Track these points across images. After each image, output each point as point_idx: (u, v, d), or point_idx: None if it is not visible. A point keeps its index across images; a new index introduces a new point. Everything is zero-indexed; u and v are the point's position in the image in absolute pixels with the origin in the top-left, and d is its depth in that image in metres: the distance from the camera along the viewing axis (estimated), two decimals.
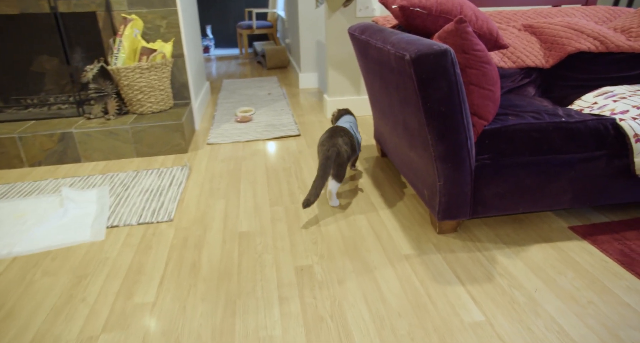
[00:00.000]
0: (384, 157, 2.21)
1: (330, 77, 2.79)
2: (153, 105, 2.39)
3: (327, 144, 1.65)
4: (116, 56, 2.27)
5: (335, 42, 2.71)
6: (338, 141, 1.68)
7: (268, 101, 3.34)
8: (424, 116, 1.31)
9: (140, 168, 2.17)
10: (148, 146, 2.30)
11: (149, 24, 2.42)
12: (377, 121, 2.02)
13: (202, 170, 2.12)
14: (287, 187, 1.92)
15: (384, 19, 1.95)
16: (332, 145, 1.65)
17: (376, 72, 1.68)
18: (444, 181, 1.40)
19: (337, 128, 1.76)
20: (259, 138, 2.52)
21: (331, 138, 1.69)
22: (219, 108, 3.18)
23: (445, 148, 1.35)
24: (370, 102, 2.05)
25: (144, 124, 2.25)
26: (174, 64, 2.54)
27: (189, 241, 1.53)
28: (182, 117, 2.33)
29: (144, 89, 2.32)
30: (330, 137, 1.70)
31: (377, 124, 2.07)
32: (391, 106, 1.63)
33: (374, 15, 2.68)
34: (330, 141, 1.67)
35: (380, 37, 1.52)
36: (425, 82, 1.26)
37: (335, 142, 1.67)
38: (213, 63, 5.27)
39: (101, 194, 1.89)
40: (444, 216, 1.46)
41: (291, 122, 2.78)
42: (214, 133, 2.63)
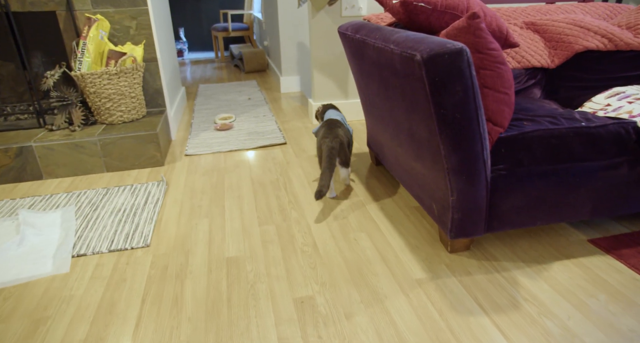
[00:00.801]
0: (378, 165, 2.06)
1: (316, 81, 2.63)
2: (124, 114, 2.17)
3: (330, 136, 1.67)
4: (80, 60, 2.04)
5: (320, 44, 2.55)
6: (339, 132, 1.71)
7: (248, 107, 3.15)
8: (436, 123, 1.16)
9: (111, 185, 1.95)
10: (119, 159, 2.08)
11: (116, 25, 2.20)
12: (372, 127, 1.87)
13: (181, 185, 1.92)
14: (276, 202, 1.74)
15: (377, 17, 1.80)
16: (334, 136, 1.67)
17: (373, 74, 1.53)
18: (458, 196, 1.26)
19: (332, 121, 1.78)
20: (241, 147, 2.33)
21: (331, 130, 1.70)
22: (197, 115, 2.97)
23: (459, 159, 1.20)
24: (364, 107, 1.89)
25: (114, 135, 2.03)
26: (146, 68, 2.32)
27: (170, 271, 1.34)
28: (157, 126, 2.12)
29: (112, 96, 2.10)
30: (330, 129, 1.71)
31: (371, 131, 1.92)
32: (392, 112, 1.48)
33: (361, 14, 2.53)
34: (331, 133, 1.69)
35: (380, 35, 1.37)
36: (439, 86, 1.11)
37: (337, 133, 1.70)
38: (187, 67, 5.04)
39: (66, 216, 1.67)
40: (457, 235, 1.32)
41: (275, 129, 2.60)
42: (193, 143, 2.42)
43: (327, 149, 1.63)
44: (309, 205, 1.71)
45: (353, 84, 2.69)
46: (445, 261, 1.34)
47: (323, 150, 1.64)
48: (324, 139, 1.67)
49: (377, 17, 1.80)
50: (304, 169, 2.04)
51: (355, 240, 1.47)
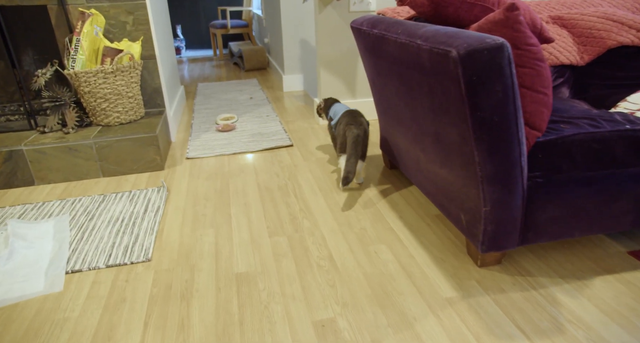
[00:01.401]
0: (392, 169, 1.95)
1: (322, 79, 2.51)
2: (121, 115, 2.04)
3: (355, 123, 1.68)
4: (74, 57, 1.91)
5: (327, 40, 2.43)
6: (362, 121, 1.73)
7: (250, 106, 3.03)
8: (470, 127, 1.05)
9: (108, 191, 1.83)
10: (116, 163, 1.95)
11: (112, 20, 2.07)
12: (387, 129, 1.75)
13: (183, 191, 1.80)
14: (286, 210, 1.62)
15: (392, 11, 1.68)
16: (359, 124, 1.69)
17: (393, 72, 1.41)
18: (492, 207, 1.14)
19: (353, 111, 1.81)
20: (246, 149, 2.21)
21: (355, 118, 1.73)
22: (197, 115, 2.84)
23: (495, 166, 1.09)
24: (378, 107, 1.78)
25: (111, 137, 1.90)
26: (144, 66, 2.20)
27: (174, 290, 1.22)
28: (156, 128, 1.99)
29: (109, 96, 1.97)
30: (354, 118, 1.73)
31: (385, 133, 1.80)
32: (415, 113, 1.36)
33: (370, 9, 2.41)
34: (356, 121, 1.70)
35: (403, 30, 1.25)
36: (476, 85, 0.99)
37: (361, 121, 1.72)
38: (185, 65, 4.90)
39: (59, 227, 1.54)
40: (489, 248, 1.20)
41: (280, 130, 2.48)
42: (194, 145, 2.30)
43: (354, 136, 1.63)
44: (321, 213, 1.59)
45: (361, 83, 2.57)
46: (476, 277, 1.23)
47: (348, 137, 1.64)
48: (349, 126, 1.67)
49: (393, 11, 1.68)
50: (313, 173, 1.92)
51: (375, 252, 1.35)
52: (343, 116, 1.79)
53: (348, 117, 1.74)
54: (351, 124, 1.68)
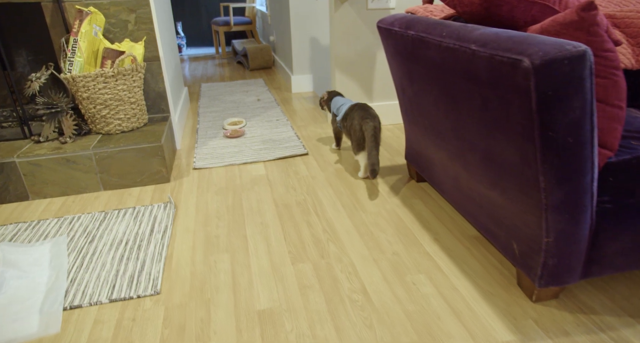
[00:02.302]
0: (419, 182, 1.79)
1: (337, 81, 2.35)
2: (122, 122, 1.88)
3: (370, 117, 1.70)
4: (71, 60, 1.75)
5: (342, 40, 2.27)
6: (374, 112, 1.75)
7: (258, 109, 2.86)
8: (539, 149, 0.89)
9: (110, 207, 1.67)
10: (118, 175, 1.79)
11: (112, 19, 1.90)
12: (416, 139, 1.59)
13: (192, 208, 1.64)
14: (308, 231, 1.46)
15: (424, 9, 1.52)
16: (374, 116, 1.71)
17: (431, 79, 1.25)
18: (555, 238, 0.99)
19: (362, 105, 1.81)
20: (258, 158, 2.05)
21: (367, 111, 1.74)
22: (202, 119, 2.68)
23: (564, 194, 0.93)
24: (406, 115, 1.62)
25: (112, 148, 1.74)
26: (147, 69, 2.03)
27: (188, 332, 1.06)
28: (161, 137, 1.83)
29: (109, 102, 1.80)
30: (366, 111, 1.74)
31: (414, 144, 1.64)
32: (458, 126, 1.20)
33: (389, 6, 2.25)
34: (369, 113, 1.72)
35: (450, 32, 1.09)
36: (551, 101, 0.83)
37: (375, 114, 1.74)
38: (186, 64, 4.72)
39: (56, 251, 1.38)
40: (549, 282, 1.05)
41: (293, 136, 2.32)
42: (201, 153, 2.14)
43: (372, 129, 1.66)
44: (347, 235, 1.43)
45: (379, 85, 2.41)
46: (532, 315, 1.08)
47: (366, 130, 1.67)
48: (365, 120, 1.69)
49: (425, 9, 1.52)
50: (333, 186, 1.77)
51: (413, 284, 1.20)
52: (353, 110, 1.79)
53: (361, 111, 1.75)
54: (366, 118, 1.69)
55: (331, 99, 2.06)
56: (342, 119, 1.87)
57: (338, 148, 2.15)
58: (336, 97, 2.04)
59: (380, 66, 2.36)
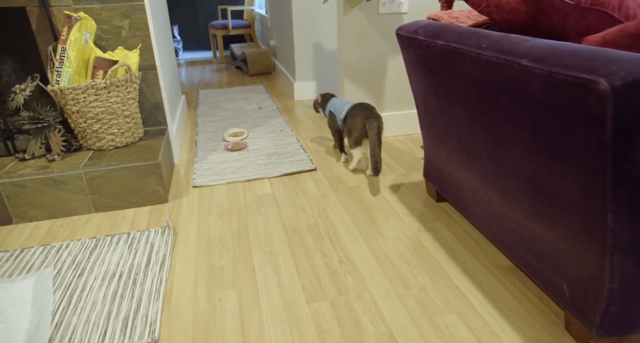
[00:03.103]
0: (439, 202, 1.65)
1: (346, 90, 2.21)
2: (116, 137, 1.72)
3: (373, 116, 1.73)
4: (58, 70, 1.60)
5: (352, 46, 2.13)
6: (378, 113, 1.77)
7: (260, 118, 2.72)
8: (611, 184, 0.75)
9: (102, 232, 1.52)
10: (111, 196, 1.64)
11: (104, 25, 1.76)
12: (440, 157, 1.46)
13: (193, 233, 1.49)
14: (322, 261, 1.32)
15: (449, 16, 1.38)
16: (377, 116, 1.74)
17: (464, 95, 1.11)
18: (622, 284, 0.85)
19: (364, 104, 1.82)
20: (262, 175, 1.90)
21: (370, 111, 1.77)
22: (201, 130, 2.53)
23: (635, 235, 0.80)
24: (429, 132, 1.48)
25: (104, 166, 1.59)
26: (143, 78, 1.88)
27: None
28: (159, 153, 1.68)
29: (101, 116, 1.65)
30: (369, 110, 1.77)
31: (436, 161, 1.51)
32: (495, 148, 1.06)
33: (401, 10, 2.11)
34: (372, 113, 1.75)
35: (491, 43, 0.95)
36: (632, 130, 0.70)
37: (378, 114, 1.76)
38: (183, 69, 4.57)
39: (40, 288, 1.23)
40: (610, 333, 0.91)
41: (298, 149, 2.18)
42: (201, 169, 1.99)
43: (376, 128, 1.69)
44: (366, 266, 1.29)
45: (390, 94, 2.27)
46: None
47: (370, 129, 1.70)
48: (369, 119, 1.72)
49: (450, 16, 1.38)
50: (346, 207, 1.62)
51: (446, 327, 1.06)
52: (356, 109, 1.81)
53: (364, 111, 1.76)
54: (371, 117, 1.72)
55: (326, 102, 2.08)
56: (343, 118, 1.89)
57: (340, 150, 2.07)
58: (332, 99, 2.06)
59: (391, 74, 2.23)
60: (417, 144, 2.23)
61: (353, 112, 1.80)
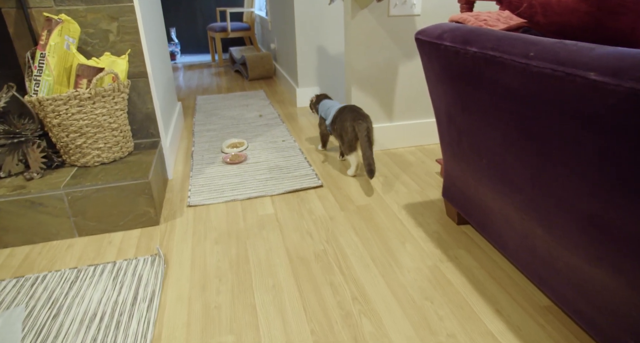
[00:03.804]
0: (461, 224, 1.49)
1: (354, 97, 2.05)
2: (102, 152, 1.56)
3: (362, 118, 1.71)
4: (37, 79, 1.43)
5: (360, 51, 1.97)
6: (366, 113, 1.75)
7: (261, 127, 2.55)
8: None
9: (84, 261, 1.35)
10: (96, 219, 1.47)
11: (90, 29, 1.59)
12: (462, 176, 1.29)
13: (186, 263, 1.33)
14: (333, 298, 1.15)
15: (476, 18, 1.22)
16: (365, 117, 1.72)
17: (501, 110, 0.95)
18: None
19: (352, 106, 1.81)
20: (264, 192, 1.74)
21: (358, 112, 1.75)
22: (197, 140, 2.37)
23: None
24: (450, 147, 1.31)
25: (88, 186, 1.43)
26: (133, 87, 1.72)
27: None
28: (149, 170, 1.52)
29: (85, 129, 1.49)
30: (358, 112, 1.75)
31: (457, 180, 1.34)
32: (542, 174, 0.90)
33: (413, 12, 1.95)
34: (360, 115, 1.73)
35: (540, 52, 0.79)
36: None
37: (366, 114, 1.74)
38: (181, 73, 4.41)
39: (6, 334, 1.06)
40: None
41: (302, 162, 2.01)
42: (196, 184, 1.82)
43: (365, 129, 1.68)
44: (384, 304, 1.13)
45: (401, 103, 2.11)
46: None
47: (359, 131, 1.68)
48: (357, 121, 1.70)
49: (477, 18, 1.22)
50: (357, 230, 1.46)
51: None
52: (343, 112, 1.79)
53: (352, 113, 1.75)
54: (358, 119, 1.70)
55: (319, 102, 2.05)
56: (331, 122, 1.88)
57: (324, 149, 2.16)
58: (324, 100, 2.04)
59: (402, 80, 2.07)
60: (430, 156, 2.07)
61: (341, 117, 1.79)
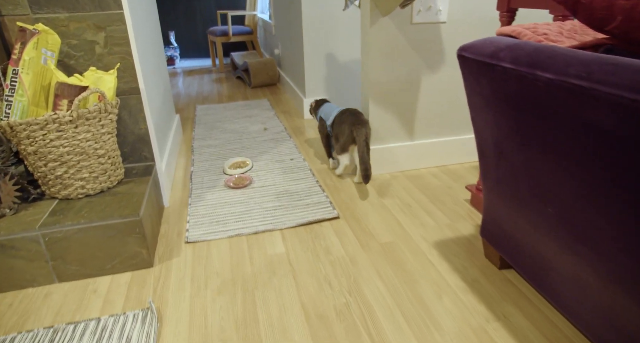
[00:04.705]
0: (503, 269, 1.28)
1: (372, 113, 1.84)
2: (87, 183, 1.35)
3: (361, 123, 1.69)
4: (9, 100, 1.23)
5: (380, 62, 1.76)
6: (366, 119, 1.73)
7: (266, 142, 2.35)
8: None
9: (63, 316, 1.14)
10: (79, 263, 1.26)
11: (72, 40, 1.39)
12: (511, 220, 1.08)
13: (184, 321, 1.12)
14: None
15: (533, 32, 1.01)
16: (365, 122, 1.71)
17: (583, 153, 0.74)
18: None
19: (353, 110, 1.78)
20: (273, 224, 1.53)
21: (358, 117, 1.73)
22: (197, 158, 2.16)
23: None
24: (498, 184, 1.11)
25: (69, 225, 1.22)
26: (123, 105, 1.51)
27: None
28: (141, 203, 1.31)
29: (67, 157, 1.28)
30: (357, 117, 1.72)
31: (503, 222, 1.13)
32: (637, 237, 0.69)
33: (439, 19, 1.74)
34: (360, 120, 1.71)
35: None
36: None
37: (365, 120, 1.72)
38: (180, 78, 4.21)
39: None
40: None
41: (314, 186, 1.81)
42: (196, 214, 1.61)
43: (364, 135, 1.67)
44: None
45: (423, 119, 1.90)
46: None
47: (357, 136, 1.67)
48: (356, 126, 1.69)
49: (535, 32, 1.01)
50: (383, 278, 1.25)
51: None
52: (344, 115, 1.77)
53: (351, 117, 1.73)
54: (358, 123, 1.69)
55: (319, 107, 2.04)
56: (331, 124, 1.86)
57: (328, 156, 2.05)
58: (324, 104, 2.03)
59: (425, 95, 1.86)
60: (456, 178, 1.86)
61: (340, 119, 1.78)
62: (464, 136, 1.98)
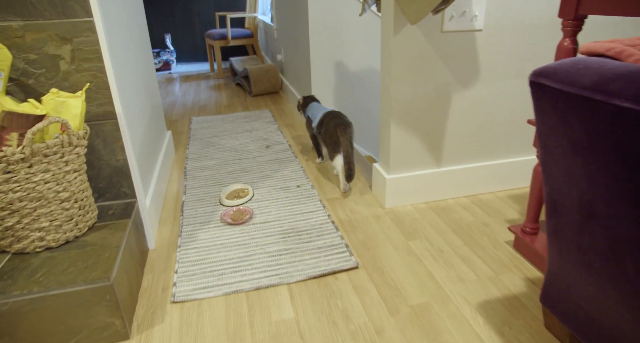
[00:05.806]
0: None
1: (393, 137, 1.57)
2: (47, 234, 1.08)
3: (344, 124, 1.72)
4: None
5: (404, 77, 1.49)
6: (348, 120, 1.77)
7: (269, 163, 2.08)
8: None
9: None
10: (34, 338, 0.99)
11: (30, 54, 1.12)
12: (588, 294, 0.82)
13: None
14: None
15: (634, 44, 0.74)
16: (348, 124, 1.74)
17: None
18: None
19: (336, 112, 1.82)
20: (278, 277, 1.26)
21: (341, 118, 1.76)
22: (190, 183, 1.89)
23: None
24: (578, 250, 0.84)
25: (17, 296, 0.95)
26: (97, 132, 1.24)
27: None
28: (114, 263, 1.04)
29: (19, 204, 1.01)
30: (340, 118, 1.76)
31: (574, 294, 0.87)
32: None
33: (474, 27, 1.48)
34: (342, 121, 1.74)
35: None
36: None
37: (349, 121, 1.76)
38: (176, 84, 3.94)
39: None
40: None
41: (326, 222, 1.54)
42: (186, 261, 1.34)
43: (347, 135, 1.69)
44: None
45: (452, 144, 1.63)
46: None
47: (342, 136, 1.69)
48: (340, 127, 1.71)
49: (636, 45, 0.74)
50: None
51: None
52: (328, 118, 1.79)
53: (336, 119, 1.76)
54: (342, 124, 1.72)
55: (307, 105, 2.06)
56: (317, 125, 1.88)
57: (322, 161, 2.08)
58: (312, 102, 2.04)
59: (456, 115, 1.59)
60: (490, 211, 1.59)
61: (325, 121, 1.80)
62: (497, 161, 1.72)
